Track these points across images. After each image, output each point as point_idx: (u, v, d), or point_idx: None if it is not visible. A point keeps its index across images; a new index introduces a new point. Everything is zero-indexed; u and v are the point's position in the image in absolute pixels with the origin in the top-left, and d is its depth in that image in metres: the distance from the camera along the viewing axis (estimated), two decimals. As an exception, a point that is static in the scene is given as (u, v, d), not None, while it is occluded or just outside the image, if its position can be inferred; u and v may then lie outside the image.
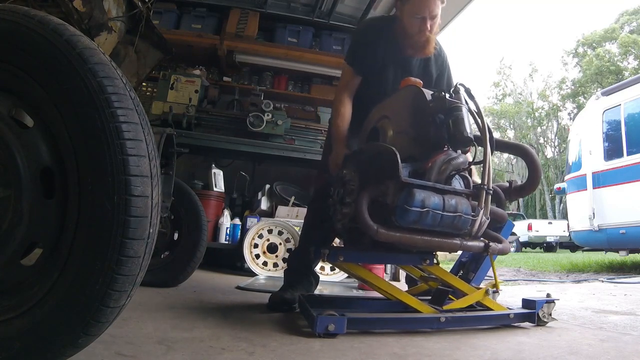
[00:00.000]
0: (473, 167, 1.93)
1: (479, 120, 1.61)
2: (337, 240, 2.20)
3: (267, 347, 1.22)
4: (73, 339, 0.80)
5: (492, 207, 1.67)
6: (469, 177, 1.59)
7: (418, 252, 1.64)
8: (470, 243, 1.55)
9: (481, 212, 1.51)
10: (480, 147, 1.64)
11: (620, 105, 5.73)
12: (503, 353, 1.29)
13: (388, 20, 2.08)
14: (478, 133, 1.63)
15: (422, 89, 1.64)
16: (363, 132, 1.88)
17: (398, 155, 1.44)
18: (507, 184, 1.82)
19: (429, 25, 1.86)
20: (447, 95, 1.57)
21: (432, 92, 1.62)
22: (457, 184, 1.57)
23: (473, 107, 1.62)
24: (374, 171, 1.54)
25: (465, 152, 1.61)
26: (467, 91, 1.65)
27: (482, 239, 1.63)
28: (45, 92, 0.83)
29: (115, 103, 0.81)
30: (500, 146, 1.82)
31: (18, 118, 0.86)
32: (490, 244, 1.60)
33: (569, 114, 28.03)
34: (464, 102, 1.58)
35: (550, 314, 1.74)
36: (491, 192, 1.54)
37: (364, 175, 1.57)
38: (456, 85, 1.64)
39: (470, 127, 1.56)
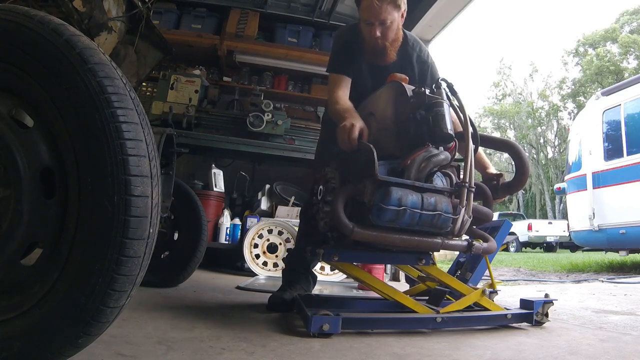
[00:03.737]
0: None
1: (462, 116, 1.55)
2: None
3: (267, 347, 1.22)
4: (73, 339, 0.80)
5: (476, 205, 1.62)
6: (452, 174, 1.54)
7: (413, 251, 1.61)
8: (452, 242, 1.51)
9: (462, 210, 1.46)
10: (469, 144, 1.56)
11: (620, 105, 5.73)
12: (503, 353, 1.29)
13: (358, 28, 2.00)
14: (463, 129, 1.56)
15: (404, 84, 1.59)
16: None
17: (375, 153, 1.42)
18: (494, 182, 1.76)
19: (378, 32, 1.80)
20: (428, 91, 1.53)
21: (413, 88, 1.57)
22: (439, 181, 1.52)
23: (456, 103, 1.57)
24: (353, 169, 1.52)
25: (448, 149, 1.55)
26: (450, 86, 1.59)
27: (466, 237, 1.59)
28: (45, 92, 0.83)
29: (115, 103, 0.81)
30: (486, 142, 1.75)
31: (18, 118, 0.86)
32: (474, 242, 1.55)
33: (569, 113, 28.05)
34: (445, 97, 1.54)
35: (547, 314, 1.71)
36: (473, 189, 1.48)
37: (345, 174, 1.55)
38: (438, 80, 1.59)
39: (452, 123, 1.51)
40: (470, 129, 1.54)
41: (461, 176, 1.62)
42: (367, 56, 1.92)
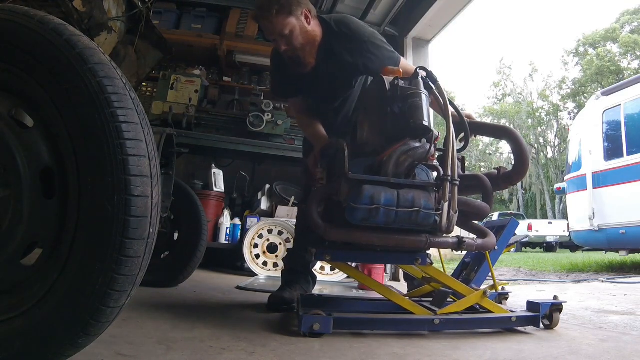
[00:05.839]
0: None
1: (442, 104, 1.50)
2: None
3: (267, 347, 1.22)
4: (73, 339, 0.80)
5: (470, 200, 1.57)
6: (438, 167, 1.45)
7: (398, 250, 1.55)
8: (439, 239, 1.43)
9: (445, 205, 1.37)
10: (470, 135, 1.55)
11: (620, 105, 5.73)
12: (503, 353, 1.29)
13: None
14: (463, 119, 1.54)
15: (385, 77, 1.53)
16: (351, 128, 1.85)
17: (346, 151, 1.40)
18: (496, 172, 1.68)
19: (283, 45, 1.80)
20: (402, 83, 1.48)
21: (390, 80, 1.52)
22: (424, 175, 1.46)
23: (436, 92, 1.52)
24: (335, 168, 1.50)
25: (429, 141, 1.47)
26: (429, 75, 1.53)
27: (458, 235, 1.51)
28: (45, 92, 0.83)
29: (115, 103, 0.81)
30: (479, 129, 1.70)
31: (18, 118, 0.86)
32: (465, 239, 1.47)
33: (569, 113, 28.06)
34: (422, 88, 1.47)
35: (556, 319, 1.64)
36: (457, 182, 1.40)
37: (331, 173, 1.54)
38: (415, 70, 1.54)
39: (429, 115, 1.45)
40: (451, 118, 1.48)
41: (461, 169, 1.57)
42: (292, 70, 1.92)
